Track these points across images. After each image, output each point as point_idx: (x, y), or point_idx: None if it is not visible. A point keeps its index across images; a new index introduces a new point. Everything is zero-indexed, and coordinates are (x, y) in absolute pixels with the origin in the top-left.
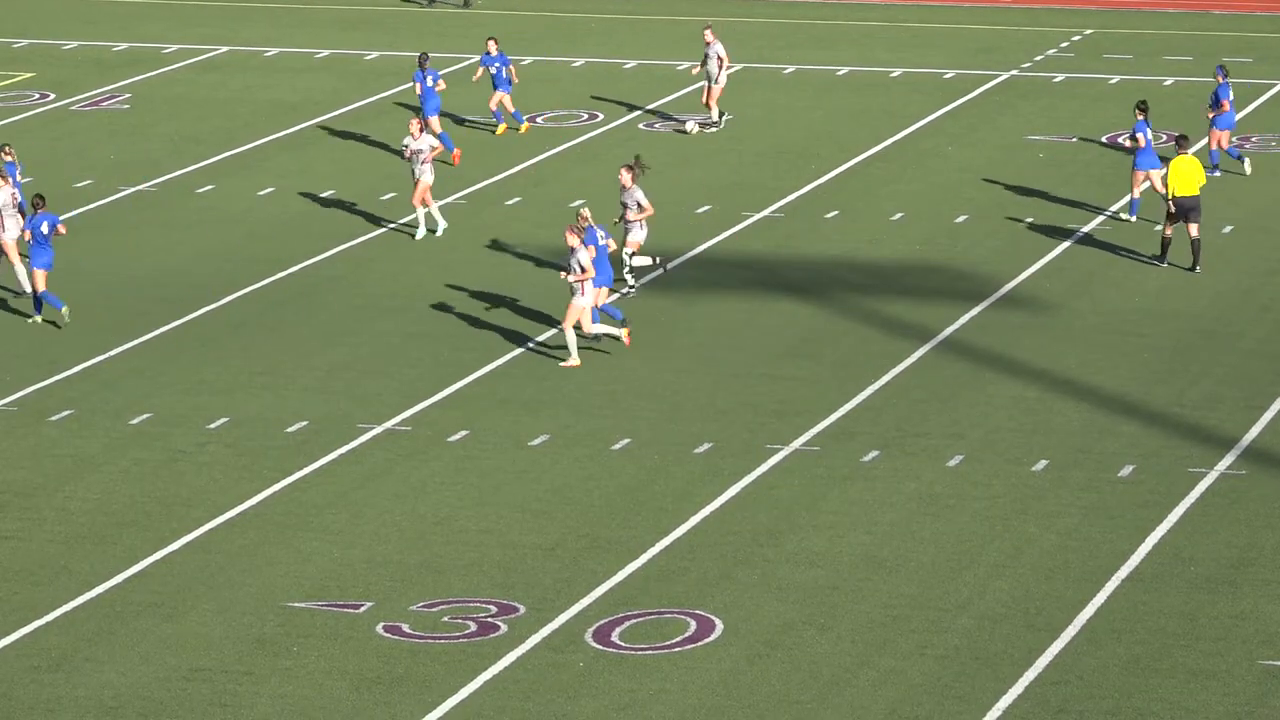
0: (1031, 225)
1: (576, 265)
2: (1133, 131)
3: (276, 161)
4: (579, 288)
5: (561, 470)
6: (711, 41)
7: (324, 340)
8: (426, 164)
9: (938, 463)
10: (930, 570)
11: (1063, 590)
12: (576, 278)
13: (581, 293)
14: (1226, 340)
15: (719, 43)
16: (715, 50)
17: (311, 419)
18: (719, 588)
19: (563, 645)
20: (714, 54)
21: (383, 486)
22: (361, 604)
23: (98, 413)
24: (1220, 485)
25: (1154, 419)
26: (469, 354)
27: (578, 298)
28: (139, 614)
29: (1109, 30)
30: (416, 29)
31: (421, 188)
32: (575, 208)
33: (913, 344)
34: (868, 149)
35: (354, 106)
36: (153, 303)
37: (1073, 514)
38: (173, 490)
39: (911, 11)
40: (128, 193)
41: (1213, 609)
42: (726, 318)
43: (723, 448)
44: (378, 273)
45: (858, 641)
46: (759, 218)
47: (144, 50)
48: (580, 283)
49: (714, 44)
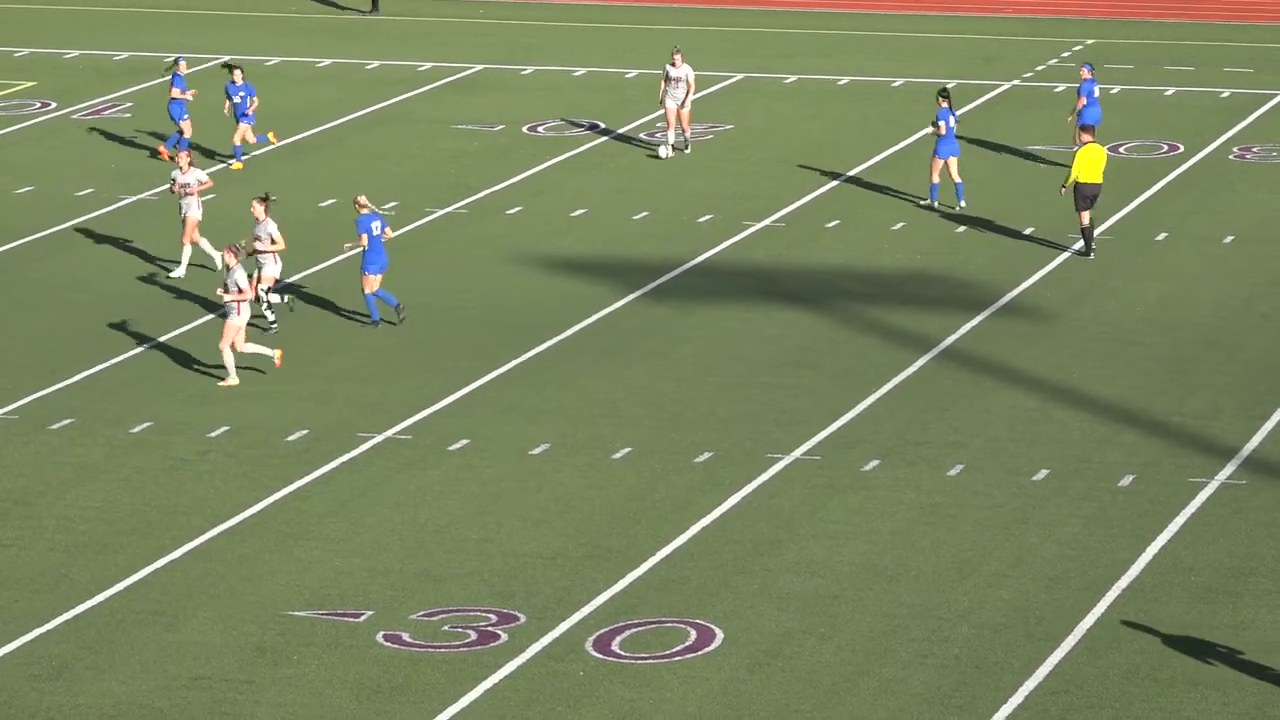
0: (1032, 235)
1: (234, 285)
2: (935, 119)
3: (277, 170)
4: (235, 307)
5: (562, 479)
6: (679, 65)
7: (324, 348)
8: (193, 197)
9: (938, 472)
10: (931, 579)
11: (1063, 600)
12: (233, 297)
13: (238, 312)
14: (1227, 350)
15: (688, 66)
16: (684, 73)
17: (312, 428)
18: (719, 597)
19: (563, 654)
20: (682, 77)
21: (383, 495)
22: (362, 613)
23: (98, 421)
24: (1221, 495)
25: (1154, 429)
26: (469, 362)
27: (233, 317)
28: (140, 622)
29: (1110, 40)
30: (419, 39)
31: (190, 224)
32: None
33: (913, 353)
34: (869, 158)
35: (355, 116)
36: (154, 311)
37: (1073, 523)
38: (173, 499)
39: (913, 21)
40: (128, 201)
41: (1213, 619)
42: (727, 327)
43: (723, 457)
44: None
45: (858, 651)
46: (760, 227)
47: (145, 59)
48: (236, 303)
49: (682, 67)
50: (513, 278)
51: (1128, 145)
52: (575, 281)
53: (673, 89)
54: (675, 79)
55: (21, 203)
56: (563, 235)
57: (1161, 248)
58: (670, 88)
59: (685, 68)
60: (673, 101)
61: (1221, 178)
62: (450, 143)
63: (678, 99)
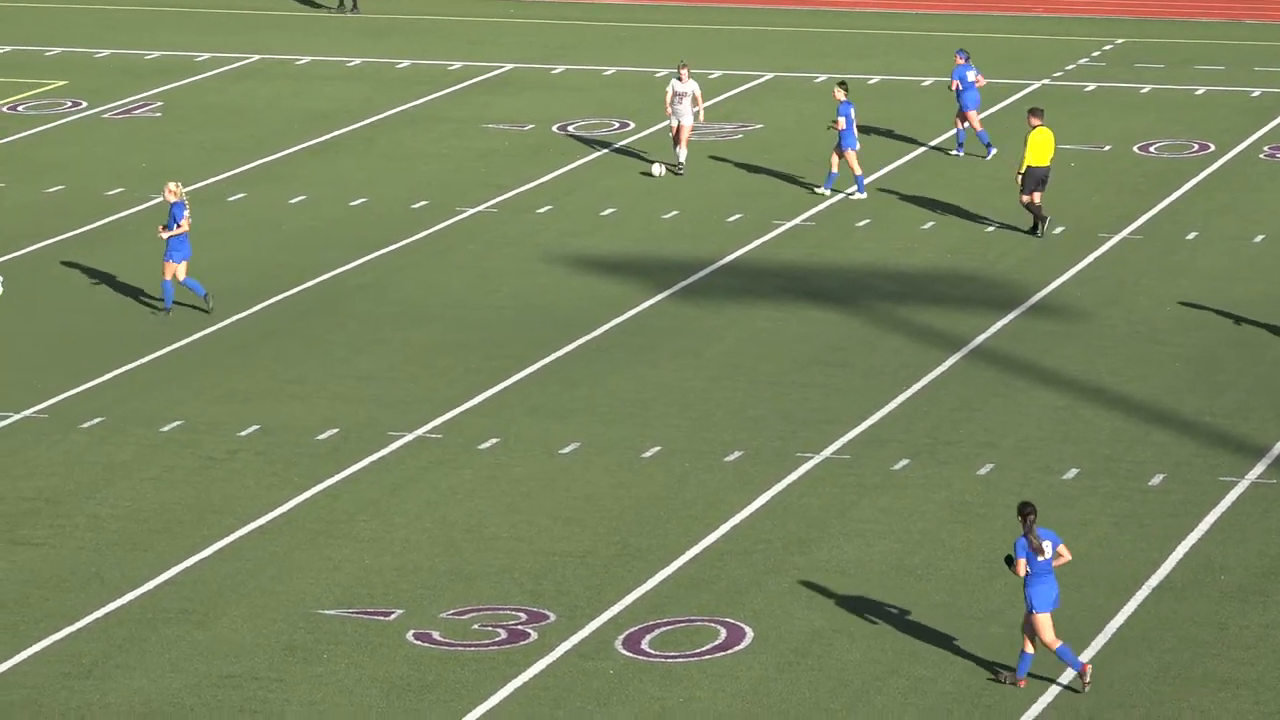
0: (1062, 234)
1: None
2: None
3: (308, 170)
4: None
5: (592, 478)
6: (686, 80)
7: (354, 348)
8: None
9: (968, 471)
10: (960, 579)
11: (1093, 599)
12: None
13: None
14: (1257, 349)
15: (694, 82)
16: (690, 89)
17: (342, 426)
18: (749, 596)
19: (593, 652)
20: (688, 92)
21: (413, 494)
22: (392, 611)
23: (128, 420)
24: (1251, 494)
25: (1185, 428)
26: (500, 361)
27: None
28: (170, 621)
29: (1140, 40)
30: (447, 38)
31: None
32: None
33: (943, 352)
34: (899, 158)
35: (385, 115)
36: (183, 310)
37: (1103, 523)
38: (203, 497)
39: (942, 20)
40: (159, 201)
41: (1244, 618)
42: (757, 326)
43: (753, 456)
44: (409, 280)
45: (888, 650)
46: (790, 226)
47: (176, 59)
48: None
49: (688, 82)
50: (543, 277)
51: (1158, 144)
52: (605, 280)
53: (679, 104)
54: (681, 94)
55: (52, 202)
56: (592, 234)
57: (1192, 247)
58: (677, 103)
59: (692, 83)
60: (677, 119)
61: (1252, 177)
62: (480, 142)
63: (686, 115)
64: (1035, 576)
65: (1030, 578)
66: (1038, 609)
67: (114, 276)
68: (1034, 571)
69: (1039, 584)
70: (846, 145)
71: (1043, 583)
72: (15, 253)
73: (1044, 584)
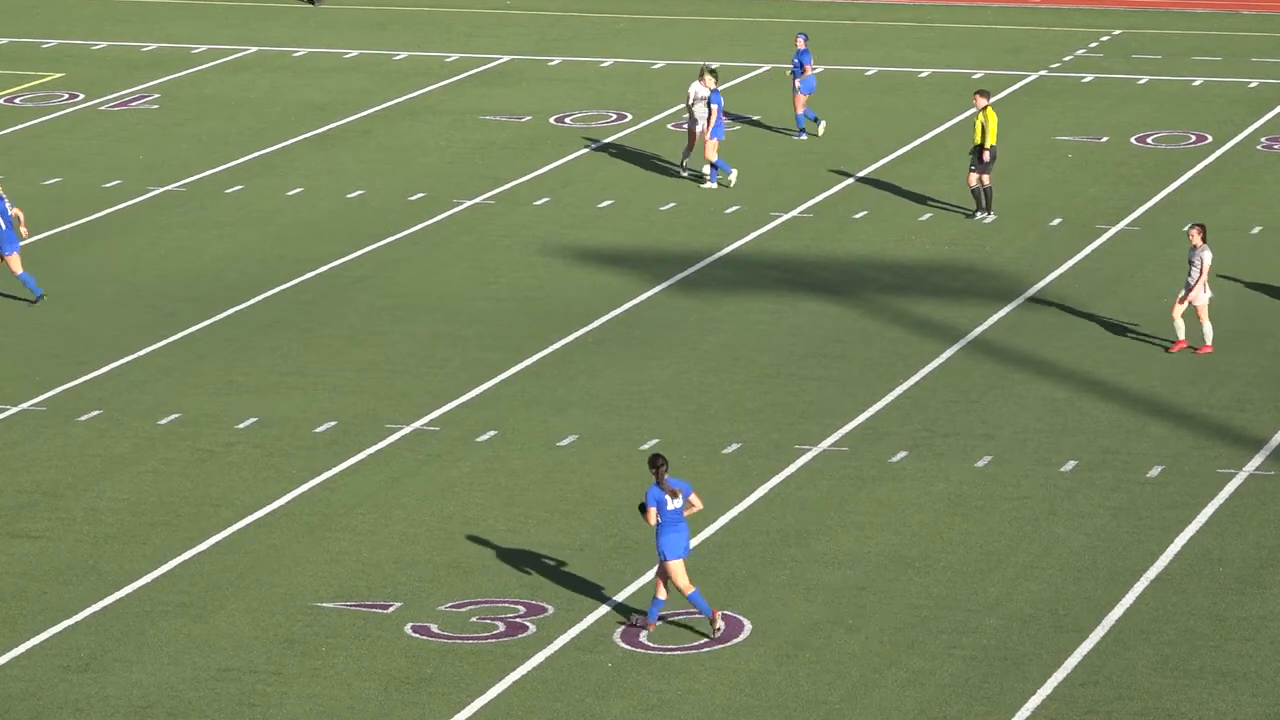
0: (1060, 225)
1: None
2: (708, 101)
3: (305, 162)
4: None
5: (590, 471)
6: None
7: (352, 340)
8: None
9: (966, 463)
10: (959, 571)
11: (1091, 591)
12: None
13: None
14: (1255, 340)
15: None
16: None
17: (340, 419)
18: (747, 588)
19: (591, 645)
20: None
21: (411, 487)
22: (390, 604)
23: (126, 413)
24: (1249, 486)
25: (1182, 420)
26: (497, 354)
27: None
28: (168, 614)
29: (1138, 30)
30: (444, 30)
31: None
32: None
33: (941, 344)
34: (896, 149)
35: (383, 107)
36: (181, 303)
37: (1101, 515)
38: (201, 490)
39: (940, 12)
40: (157, 193)
41: (1242, 610)
42: (754, 318)
43: (751, 448)
44: (406, 273)
45: (886, 642)
46: (787, 218)
47: (173, 50)
48: None
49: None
50: (540, 269)
51: (1155, 135)
52: (602, 273)
53: (698, 110)
54: (701, 98)
55: (50, 194)
56: (590, 226)
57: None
58: (696, 108)
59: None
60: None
61: (1249, 169)
62: (478, 134)
63: (701, 119)
64: (666, 525)
65: (662, 526)
66: (669, 557)
67: (112, 269)
68: (665, 520)
69: (670, 532)
70: (714, 135)
71: (674, 531)
72: None
73: (675, 532)
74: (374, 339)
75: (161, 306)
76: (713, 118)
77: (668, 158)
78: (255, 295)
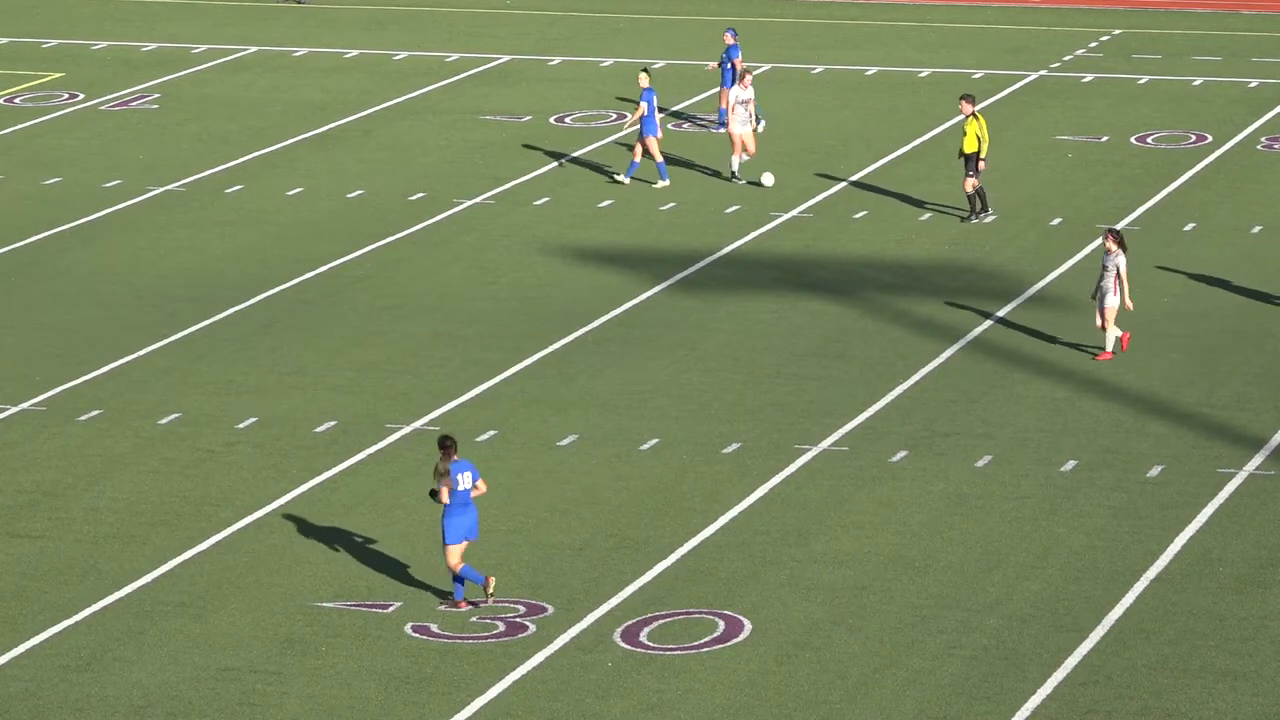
0: (1060, 225)
1: None
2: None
3: (305, 162)
4: None
5: (590, 470)
6: (747, 86)
7: (352, 340)
8: None
9: (966, 463)
10: (958, 571)
11: (1091, 591)
12: None
13: None
14: (1255, 340)
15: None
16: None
17: (340, 419)
18: (747, 588)
19: (591, 645)
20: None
21: (411, 487)
22: (390, 604)
23: (126, 413)
24: (1249, 486)
25: (1183, 419)
26: (497, 354)
27: None
28: (168, 614)
29: (1138, 30)
30: (445, 29)
31: None
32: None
33: (941, 344)
34: (896, 149)
35: (383, 106)
36: (181, 303)
37: (1101, 514)
38: (201, 490)
39: (940, 11)
40: (157, 193)
41: (1242, 610)
42: (755, 317)
43: (751, 448)
44: (406, 273)
45: (886, 642)
46: (787, 217)
47: (173, 50)
48: None
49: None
50: (540, 269)
51: (1155, 135)
52: (602, 272)
53: (741, 113)
54: (744, 101)
55: (50, 194)
56: (590, 226)
57: (1189, 238)
58: (739, 111)
59: (752, 89)
60: (739, 126)
61: (1249, 168)
62: (478, 133)
63: (745, 122)
64: (454, 507)
65: (449, 508)
66: (449, 541)
67: (112, 269)
68: (454, 501)
69: (456, 514)
70: (647, 132)
71: (460, 514)
72: (13, 244)
73: (460, 514)
74: (374, 339)
75: (161, 306)
76: (639, 113)
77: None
78: (255, 295)
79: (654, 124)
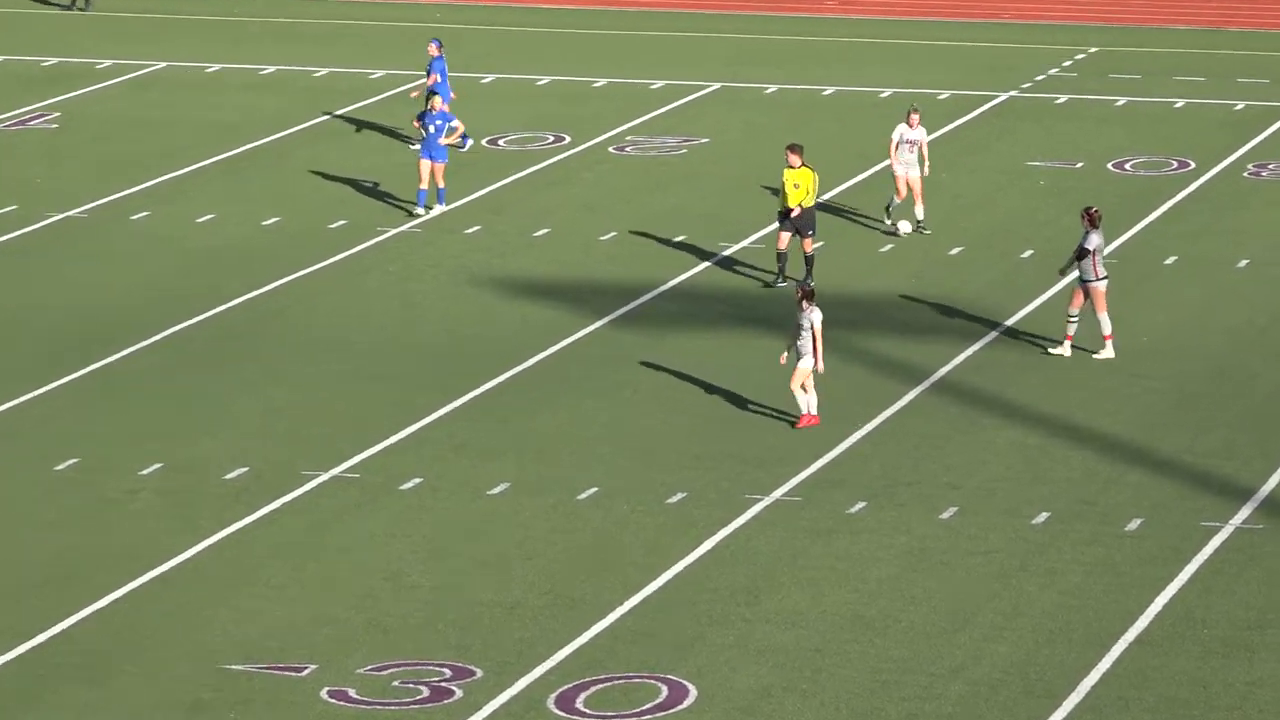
0: (1032, 257)
1: None
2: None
3: (216, 186)
4: None
5: (523, 521)
6: (916, 126)
7: (266, 380)
8: None
9: (930, 514)
10: (921, 632)
11: (1064, 654)
12: None
13: None
14: (1241, 383)
15: (923, 128)
16: (920, 136)
17: (252, 465)
18: (692, 650)
19: (523, 712)
20: (918, 140)
21: (328, 538)
22: (305, 666)
23: (19, 458)
24: (1236, 540)
25: (1163, 468)
26: (424, 395)
27: None
28: (62, 678)
29: (1114, 48)
30: (367, 43)
31: None
32: None
33: (904, 385)
34: (855, 175)
35: (301, 127)
36: (80, 339)
37: (1076, 571)
38: (101, 542)
39: (903, 28)
40: (55, 220)
41: (1227, 675)
42: (702, 356)
43: (697, 497)
44: (325, 307)
45: (842, 709)
46: (737, 248)
47: (75, 66)
48: None
49: (918, 128)
50: (469, 302)
51: (1134, 161)
52: (537, 306)
53: (908, 153)
54: (911, 141)
55: None
56: (524, 256)
57: (1170, 272)
58: (906, 151)
59: (921, 129)
60: (903, 168)
61: (1235, 197)
62: (403, 157)
63: (912, 165)
64: None
65: None
66: None
67: (3, 302)
68: None
69: None
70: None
71: None
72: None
73: None
74: (290, 378)
75: (59, 343)
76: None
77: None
78: (161, 330)
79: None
